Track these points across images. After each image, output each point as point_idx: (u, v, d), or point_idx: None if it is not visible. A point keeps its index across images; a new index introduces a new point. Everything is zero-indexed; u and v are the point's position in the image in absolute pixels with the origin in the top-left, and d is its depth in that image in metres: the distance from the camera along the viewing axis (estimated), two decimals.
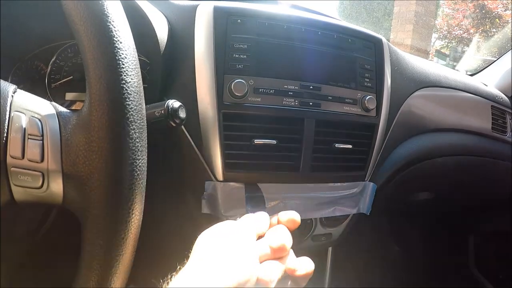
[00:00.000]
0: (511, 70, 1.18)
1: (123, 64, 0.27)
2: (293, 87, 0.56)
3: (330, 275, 0.80)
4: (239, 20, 0.55)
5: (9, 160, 0.28)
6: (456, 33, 9.28)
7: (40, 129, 0.29)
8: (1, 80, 0.33)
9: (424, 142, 0.85)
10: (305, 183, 0.60)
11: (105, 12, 0.27)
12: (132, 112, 0.28)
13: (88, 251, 0.28)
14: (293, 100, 0.56)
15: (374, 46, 0.65)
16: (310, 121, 0.57)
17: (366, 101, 0.61)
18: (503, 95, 1.12)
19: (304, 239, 0.66)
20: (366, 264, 1.32)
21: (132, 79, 0.28)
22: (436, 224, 1.46)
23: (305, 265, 0.33)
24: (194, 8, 0.56)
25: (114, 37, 0.27)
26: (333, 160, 0.61)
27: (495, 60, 1.31)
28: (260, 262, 0.31)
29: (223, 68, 0.53)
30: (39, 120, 0.30)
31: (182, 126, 0.55)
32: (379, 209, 0.74)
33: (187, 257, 0.30)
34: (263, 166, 0.56)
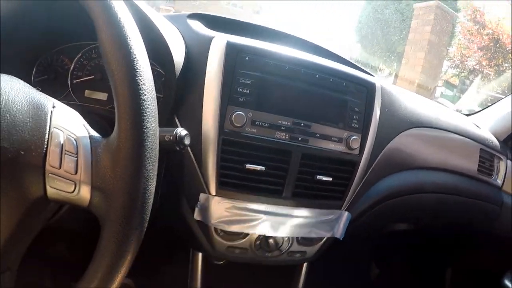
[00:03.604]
0: (508, 115, 1.20)
1: (146, 113, 0.35)
2: (286, 122, 0.62)
3: None
4: (247, 58, 0.60)
5: (47, 167, 0.35)
6: (469, 63, 9.30)
7: (75, 148, 0.36)
8: (42, 94, 0.39)
9: (407, 178, 0.88)
10: (286, 206, 0.65)
11: (136, 67, 0.35)
12: (149, 150, 0.35)
13: (103, 246, 0.35)
14: (284, 134, 0.62)
15: (366, 91, 0.69)
16: (297, 154, 0.63)
17: (351, 141, 0.66)
18: (494, 139, 1.13)
19: (280, 253, 0.71)
20: (342, 282, 1.35)
21: (151, 124, 0.35)
22: (415, 253, 1.48)
23: None
24: (210, 39, 0.62)
25: (140, 90, 0.35)
26: (313, 189, 0.66)
27: (494, 103, 1.33)
28: None
29: (227, 100, 0.59)
30: (75, 140, 0.37)
31: None
32: (357, 234, 0.78)
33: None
34: (250, 187, 0.62)
